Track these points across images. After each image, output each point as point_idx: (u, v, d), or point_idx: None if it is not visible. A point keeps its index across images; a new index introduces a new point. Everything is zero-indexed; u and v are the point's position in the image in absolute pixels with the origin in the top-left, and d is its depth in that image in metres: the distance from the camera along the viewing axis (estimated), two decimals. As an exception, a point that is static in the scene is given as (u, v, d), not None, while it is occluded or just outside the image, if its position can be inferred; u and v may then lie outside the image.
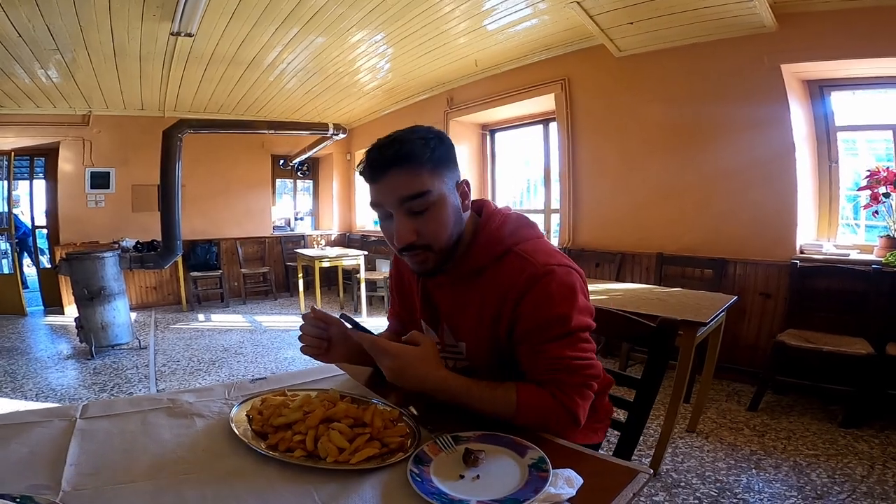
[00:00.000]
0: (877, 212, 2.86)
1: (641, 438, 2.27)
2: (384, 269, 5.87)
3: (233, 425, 0.80)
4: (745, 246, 3.19)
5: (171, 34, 3.38)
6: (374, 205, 0.86)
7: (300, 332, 0.98)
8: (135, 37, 3.54)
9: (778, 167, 3.02)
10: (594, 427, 1.02)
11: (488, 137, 5.43)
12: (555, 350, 0.81)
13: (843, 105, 3.16)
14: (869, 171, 2.87)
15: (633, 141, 3.71)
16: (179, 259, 5.70)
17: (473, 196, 0.93)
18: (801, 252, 3.02)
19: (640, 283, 3.44)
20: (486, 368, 0.91)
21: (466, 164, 5.35)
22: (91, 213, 5.74)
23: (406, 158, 0.80)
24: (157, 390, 3.10)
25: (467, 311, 0.91)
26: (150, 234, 5.18)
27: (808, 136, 3.12)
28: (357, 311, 5.37)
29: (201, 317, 5.53)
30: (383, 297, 5.80)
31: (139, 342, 4.18)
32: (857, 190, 3.01)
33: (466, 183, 0.90)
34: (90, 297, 3.78)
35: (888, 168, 2.81)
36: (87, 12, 3.07)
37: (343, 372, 1.10)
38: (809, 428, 2.45)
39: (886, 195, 2.79)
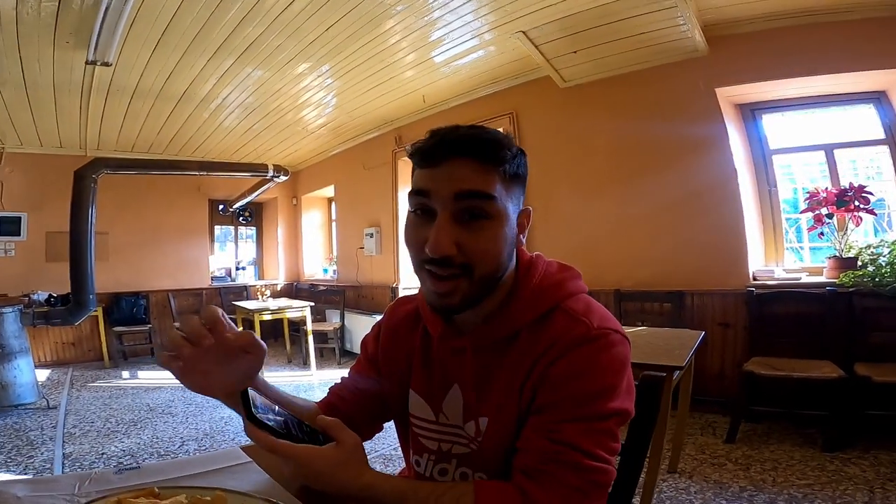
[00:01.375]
0: (822, 233, 2.91)
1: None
2: (334, 319, 5.53)
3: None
4: (699, 276, 3.14)
5: (87, 63, 3.08)
6: (415, 193, 0.66)
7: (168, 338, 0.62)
8: (47, 65, 3.22)
9: (723, 194, 3.05)
10: None
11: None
12: (571, 435, 0.60)
13: (775, 128, 3.27)
14: (808, 192, 2.93)
15: (583, 174, 3.68)
16: (100, 313, 5.16)
17: None
18: (755, 279, 3.01)
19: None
20: (500, 455, 0.69)
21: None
22: (-1, 262, 5.08)
23: (483, 149, 0.63)
24: (63, 454, 2.82)
25: (494, 384, 0.71)
26: (66, 287, 4.60)
27: (745, 160, 3.19)
28: (306, 363, 5.01)
29: (126, 374, 5.02)
30: (334, 348, 5.41)
31: (48, 402, 3.75)
32: (800, 213, 3.07)
33: (528, 214, 0.72)
34: (-13, 355, 3.41)
35: (827, 189, 2.88)
36: (-12, 34, 2.74)
37: (249, 459, 0.81)
38: (793, 455, 2.34)
39: (829, 216, 2.84)
